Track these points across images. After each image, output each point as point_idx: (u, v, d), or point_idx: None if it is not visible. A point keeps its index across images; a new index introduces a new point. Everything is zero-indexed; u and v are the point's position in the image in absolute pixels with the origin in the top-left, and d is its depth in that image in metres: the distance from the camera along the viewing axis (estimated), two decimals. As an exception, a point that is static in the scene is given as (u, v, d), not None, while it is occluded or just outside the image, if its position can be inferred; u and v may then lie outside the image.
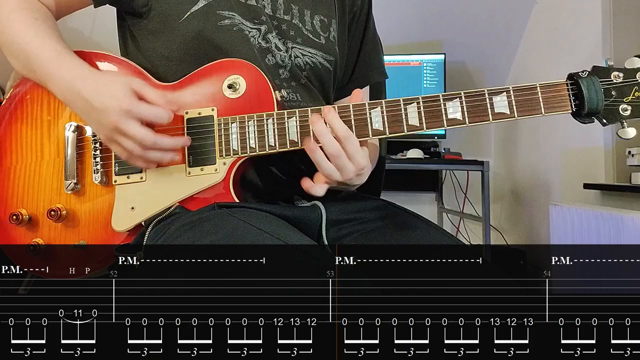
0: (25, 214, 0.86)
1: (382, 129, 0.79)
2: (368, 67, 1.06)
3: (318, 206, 0.85)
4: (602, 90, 0.77)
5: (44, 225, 0.86)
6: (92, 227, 0.86)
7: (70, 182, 0.85)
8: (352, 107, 0.79)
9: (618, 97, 0.78)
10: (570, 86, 0.78)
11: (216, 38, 0.86)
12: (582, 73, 0.78)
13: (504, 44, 2.67)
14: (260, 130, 0.81)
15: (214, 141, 0.83)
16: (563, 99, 0.78)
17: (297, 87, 0.92)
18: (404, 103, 0.79)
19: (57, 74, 0.81)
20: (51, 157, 0.88)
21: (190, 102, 0.84)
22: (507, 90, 0.78)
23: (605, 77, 0.78)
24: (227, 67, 0.85)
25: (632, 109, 0.78)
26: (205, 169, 0.82)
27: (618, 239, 1.63)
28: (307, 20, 0.95)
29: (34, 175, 0.88)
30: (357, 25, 1.04)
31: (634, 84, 0.78)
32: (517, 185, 2.75)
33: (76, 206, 0.86)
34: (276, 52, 0.90)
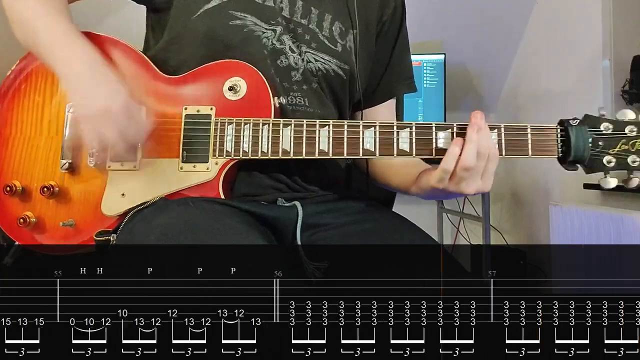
0: (18, 185, 0.88)
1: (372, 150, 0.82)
2: (395, 78, 1.05)
3: (296, 206, 0.86)
4: (589, 140, 0.78)
5: (36, 200, 0.88)
6: (82, 207, 0.87)
7: (65, 162, 0.87)
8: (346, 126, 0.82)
9: (604, 148, 0.78)
10: (560, 132, 0.79)
11: (226, 37, 0.87)
12: (572, 121, 0.79)
13: (504, 44, 2.66)
14: (254, 136, 0.83)
15: (209, 140, 0.84)
16: (551, 143, 0.79)
17: (307, 91, 0.92)
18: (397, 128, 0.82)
19: (62, 53, 0.82)
20: (50, 134, 0.89)
21: (190, 98, 0.86)
22: (499, 127, 0.79)
23: (595, 126, 0.79)
24: (230, 68, 0.87)
25: (616, 161, 0.79)
26: (198, 166, 0.84)
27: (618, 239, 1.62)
28: (325, 26, 0.94)
29: (31, 149, 0.90)
30: (386, 36, 1.03)
31: (621, 137, 0.78)
32: (517, 185, 2.74)
33: (69, 185, 0.88)
34: (290, 54, 0.90)
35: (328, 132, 0.82)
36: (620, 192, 1.98)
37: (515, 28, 2.62)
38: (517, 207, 2.75)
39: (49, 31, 0.83)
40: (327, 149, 0.82)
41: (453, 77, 2.61)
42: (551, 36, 2.44)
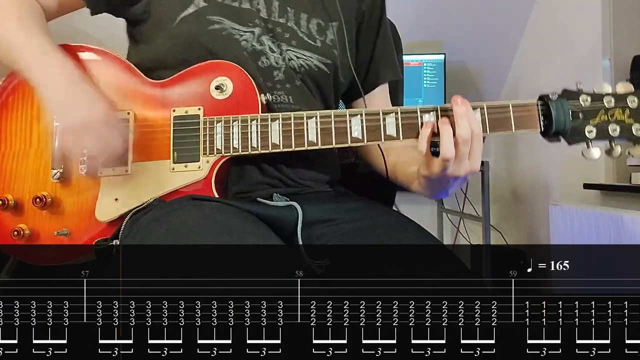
0: (11, 199, 0.88)
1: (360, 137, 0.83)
2: (381, 66, 1.07)
3: (294, 207, 0.86)
4: (570, 112, 0.81)
5: (29, 212, 0.88)
6: (76, 215, 0.87)
7: (56, 172, 0.87)
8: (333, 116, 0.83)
9: (584, 119, 0.81)
10: (540, 107, 0.82)
11: (206, 42, 0.89)
12: (552, 95, 0.82)
13: (504, 44, 2.67)
14: (244, 132, 0.84)
15: (199, 139, 0.85)
16: (533, 118, 0.82)
17: (291, 89, 0.93)
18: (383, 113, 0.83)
19: (38, 68, 0.83)
20: (40, 146, 0.90)
21: (178, 101, 0.87)
22: (482, 107, 0.82)
23: (574, 99, 0.81)
24: (215, 68, 0.88)
25: (597, 130, 0.81)
26: (189, 165, 0.85)
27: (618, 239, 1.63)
28: (302, 24, 0.95)
29: (22, 162, 0.90)
30: (368, 25, 1.04)
31: (600, 108, 0.81)
32: (517, 185, 2.75)
33: (61, 195, 0.88)
34: (270, 54, 0.91)
35: (316, 123, 0.84)
36: (620, 192, 1.99)
37: (515, 28, 2.63)
38: (517, 207, 2.76)
39: (23, 47, 0.84)
40: (315, 139, 0.83)
41: (453, 77, 2.61)
42: (551, 36, 2.45)
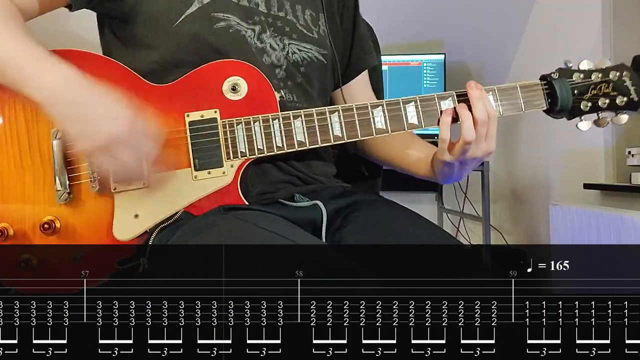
0: (9, 227, 0.79)
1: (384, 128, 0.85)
2: (363, 51, 1.07)
3: (319, 206, 0.85)
4: (570, 89, 0.87)
5: (34, 240, 0.79)
6: (91, 238, 0.80)
7: (63, 192, 0.79)
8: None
9: (579, 95, 0.87)
10: (544, 86, 0.88)
11: (214, 41, 0.85)
12: (553, 74, 0.88)
13: (504, 44, 2.67)
14: (267, 132, 0.82)
15: (220, 144, 0.82)
16: (538, 97, 0.88)
17: (293, 87, 0.92)
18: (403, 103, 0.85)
19: (39, 79, 0.71)
20: (35, 166, 0.80)
21: (189, 104, 0.83)
22: (493, 89, 0.87)
23: (570, 77, 0.88)
24: (225, 68, 0.84)
25: (591, 105, 0.88)
26: (213, 172, 0.81)
27: (618, 239, 1.63)
28: (299, 16, 0.95)
29: (17, 186, 0.80)
30: (346, 11, 1.05)
31: (590, 83, 0.87)
32: (517, 185, 2.75)
33: (71, 217, 0.80)
34: (271, 52, 0.90)
35: (339, 117, 0.84)
36: (620, 192, 1.99)
37: (515, 28, 2.63)
38: (517, 207, 2.76)
39: (17, 57, 0.72)
40: (341, 133, 0.84)
41: (453, 76, 2.61)
42: (551, 36, 2.44)
